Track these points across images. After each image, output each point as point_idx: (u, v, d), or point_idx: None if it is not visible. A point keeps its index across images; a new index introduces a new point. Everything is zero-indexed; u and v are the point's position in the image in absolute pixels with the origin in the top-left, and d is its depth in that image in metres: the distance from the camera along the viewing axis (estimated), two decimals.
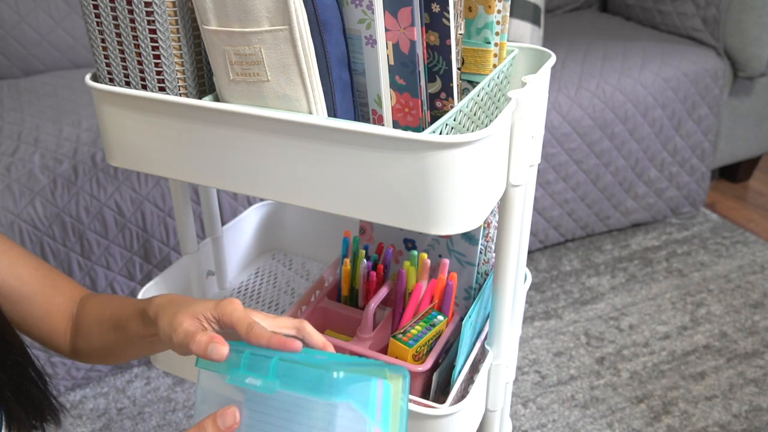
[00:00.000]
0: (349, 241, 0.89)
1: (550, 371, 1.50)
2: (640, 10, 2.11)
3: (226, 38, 0.65)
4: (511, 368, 0.91)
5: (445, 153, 0.58)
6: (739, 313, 1.66)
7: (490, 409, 0.85)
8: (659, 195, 1.92)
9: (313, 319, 0.89)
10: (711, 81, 1.84)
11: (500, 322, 0.78)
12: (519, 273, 0.86)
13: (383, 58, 0.65)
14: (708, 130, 1.90)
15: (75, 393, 1.46)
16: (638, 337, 1.59)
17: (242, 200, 1.43)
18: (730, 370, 1.49)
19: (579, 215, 1.83)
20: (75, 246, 1.34)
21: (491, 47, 0.74)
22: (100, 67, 0.75)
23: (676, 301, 1.70)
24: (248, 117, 0.66)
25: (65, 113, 1.48)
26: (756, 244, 1.92)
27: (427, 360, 0.79)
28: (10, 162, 1.32)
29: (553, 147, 1.69)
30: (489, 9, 0.72)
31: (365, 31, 0.64)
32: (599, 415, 1.39)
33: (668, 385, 1.46)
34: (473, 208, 0.62)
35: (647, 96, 1.76)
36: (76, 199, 1.32)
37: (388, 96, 0.67)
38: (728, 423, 1.36)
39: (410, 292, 0.85)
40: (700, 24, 1.91)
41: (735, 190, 2.23)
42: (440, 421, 0.73)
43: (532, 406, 1.42)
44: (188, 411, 1.42)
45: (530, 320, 1.65)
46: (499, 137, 0.64)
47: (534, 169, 0.81)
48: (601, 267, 1.83)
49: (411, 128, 0.68)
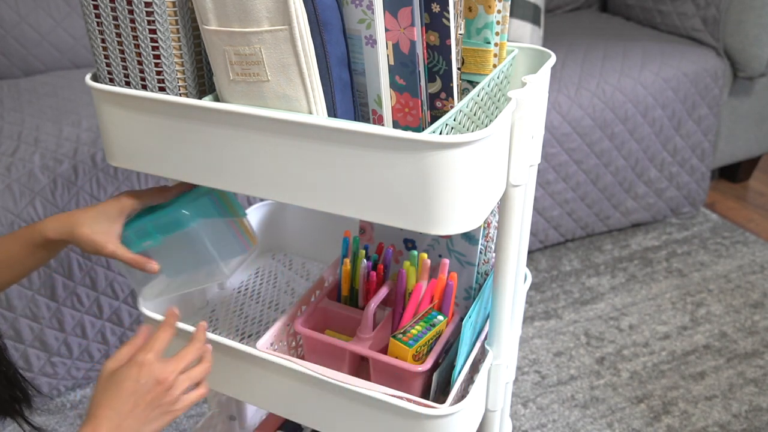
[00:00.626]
0: (349, 241, 0.89)
1: (550, 371, 1.50)
2: (640, 10, 2.11)
3: (226, 38, 0.65)
4: (511, 368, 0.91)
5: (445, 153, 0.58)
6: (739, 313, 1.66)
7: (490, 409, 0.85)
8: (659, 195, 1.92)
9: (313, 319, 0.89)
10: (711, 81, 1.84)
11: (500, 322, 0.78)
12: (519, 273, 0.86)
13: (383, 58, 0.65)
14: (708, 130, 1.90)
15: (75, 393, 1.46)
16: (638, 337, 1.59)
17: (242, 200, 1.43)
18: (730, 370, 1.49)
19: (579, 215, 1.83)
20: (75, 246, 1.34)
21: (491, 47, 0.74)
22: (100, 67, 0.75)
23: (676, 301, 1.70)
24: (248, 117, 0.66)
25: (65, 113, 1.48)
26: (756, 244, 1.92)
27: (427, 360, 0.79)
28: (10, 162, 1.32)
29: (553, 147, 1.69)
30: (489, 9, 0.72)
31: (365, 31, 0.64)
32: (599, 415, 1.39)
33: (668, 385, 1.46)
34: (473, 208, 0.63)
35: (647, 96, 1.76)
36: (76, 199, 1.32)
37: (388, 96, 0.67)
38: (728, 423, 1.36)
39: (410, 292, 0.85)
40: (700, 24, 1.91)
41: (735, 190, 2.23)
42: (440, 421, 0.73)
43: (532, 406, 1.42)
44: (188, 411, 1.42)
45: (530, 320, 1.65)
46: (499, 137, 0.64)
47: (534, 169, 0.81)
48: (601, 267, 1.83)
49: (411, 128, 0.68)
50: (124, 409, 0.66)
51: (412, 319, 0.82)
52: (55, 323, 1.36)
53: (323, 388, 0.77)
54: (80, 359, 1.42)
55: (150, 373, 0.67)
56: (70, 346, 1.39)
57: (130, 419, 0.66)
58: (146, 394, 0.67)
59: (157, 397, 0.67)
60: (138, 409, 0.66)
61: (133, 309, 1.43)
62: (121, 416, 0.65)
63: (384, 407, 0.74)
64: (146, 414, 0.67)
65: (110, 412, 0.65)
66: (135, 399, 0.66)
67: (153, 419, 0.67)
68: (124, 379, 0.67)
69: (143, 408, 0.66)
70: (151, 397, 0.67)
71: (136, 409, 0.66)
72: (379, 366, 0.80)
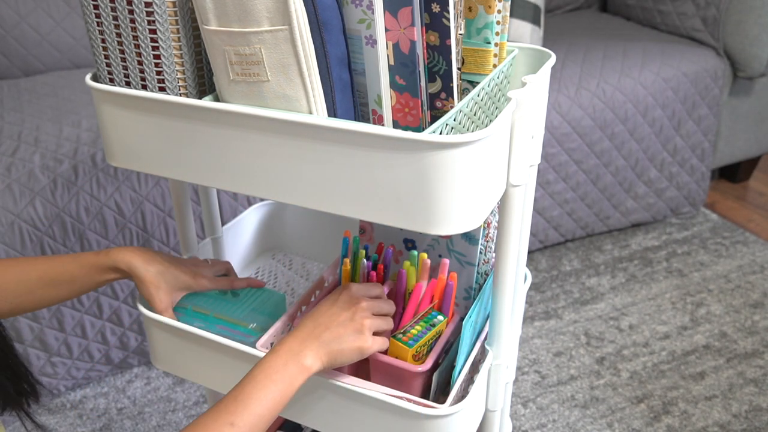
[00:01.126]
0: (349, 241, 0.89)
1: (550, 371, 1.50)
2: (640, 10, 2.11)
3: (226, 38, 0.65)
4: (511, 368, 0.91)
5: (445, 153, 0.58)
6: (739, 313, 1.66)
7: (490, 409, 0.85)
8: (659, 195, 1.92)
9: None
10: (711, 81, 1.84)
11: (500, 322, 0.78)
12: (519, 273, 0.86)
13: (383, 58, 0.65)
14: (708, 130, 1.90)
15: (75, 393, 1.46)
16: (638, 337, 1.59)
17: (242, 200, 1.43)
18: (730, 370, 1.49)
19: (579, 215, 1.83)
20: (75, 246, 1.34)
21: (491, 47, 0.74)
22: (100, 67, 0.75)
23: (676, 301, 1.70)
24: (248, 117, 0.66)
25: (65, 113, 1.48)
26: (756, 244, 1.92)
27: (427, 360, 0.79)
28: (10, 162, 1.32)
29: (553, 147, 1.69)
30: (489, 9, 0.72)
31: (365, 31, 0.64)
32: (599, 415, 1.39)
33: (668, 385, 1.46)
34: (473, 208, 0.62)
35: (647, 96, 1.76)
36: (76, 199, 1.32)
37: (388, 96, 0.67)
38: (728, 423, 1.36)
39: (410, 292, 0.85)
40: (700, 24, 1.91)
41: (735, 190, 2.23)
42: (440, 421, 0.73)
43: (532, 406, 1.42)
44: (188, 411, 1.42)
45: (530, 320, 1.65)
46: (499, 137, 0.64)
47: (534, 169, 0.81)
48: (601, 267, 1.83)
49: (411, 128, 0.68)
50: (318, 326, 0.73)
51: (412, 319, 0.82)
52: (55, 323, 1.36)
53: (323, 388, 0.77)
54: (80, 359, 1.42)
55: (345, 301, 0.75)
56: (70, 346, 1.39)
57: (322, 331, 0.72)
58: (336, 317, 0.74)
59: (344, 322, 0.73)
60: (329, 326, 0.73)
61: (133, 309, 1.43)
62: (318, 327, 0.72)
63: (384, 407, 0.74)
64: (336, 332, 0.72)
65: (310, 323, 0.73)
66: (327, 319, 0.73)
67: (341, 338, 0.72)
68: (325, 301, 0.76)
69: (334, 326, 0.73)
70: (340, 321, 0.73)
71: (329, 326, 0.73)
72: (379, 366, 0.80)
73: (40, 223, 1.29)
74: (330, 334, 0.72)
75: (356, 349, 0.73)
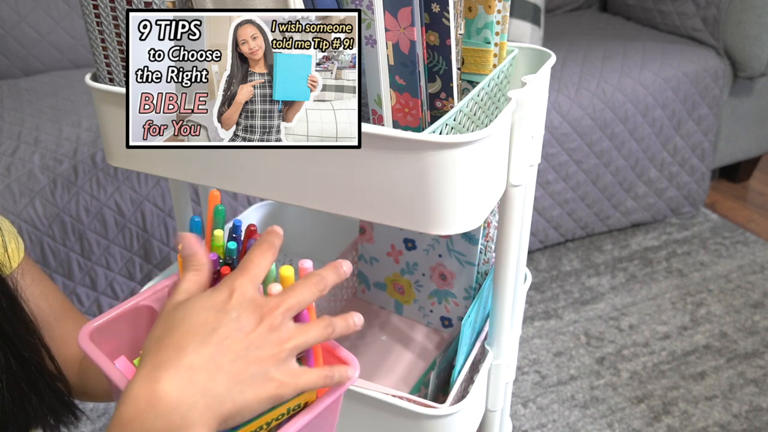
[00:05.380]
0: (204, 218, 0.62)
1: (550, 371, 1.50)
2: (640, 10, 2.11)
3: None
4: (511, 368, 0.91)
5: (445, 153, 0.58)
6: (739, 313, 1.66)
7: (490, 409, 0.85)
8: (659, 195, 1.92)
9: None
10: (711, 81, 1.84)
11: (500, 322, 0.78)
12: (519, 273, 0.86)
13: (383, 58, 0.65)
14: (708, 130, 1.90)
15: None
16: (638, 337, 1.59)
17: (242, 200, 1.43)
18: (730, 370, 1.49)
19: (579, 215, 1.83)
20: (75, 246, 1.34)
21: (491, 47, 0.74)
22: (100, 67, 0.75)
23: (676, 301, 1.70)
24: None
25: (65, 113, 1.48)
26: (756, 244, 1.92)
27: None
28: (10, 162, 1.32)
29: (553, 147, 1.69)
30: (489, 9, 0.72)
31: (365, 31, 0.64)
32: (599, 415, 1.39)
33: (668, 385, 1.46)
34: (473, 208, 0.62)
35: (647, 96, 1.76)
36: (76, 199, 1.32)
37: (388, 96, 0.67)
38: (728, 423, 1.36)
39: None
40: (700, 24, 1.91)
41: (735, 190, 2.23)
42: (440, 421, 0.73)
43: (532, 406, 1.42)
44: None
45: (530, 320, 1.65)
46: (499, 137, 0.64)
47: (534, 169, 0.81)
48: (601, 267, 1.83)
49: (411, 128, 0.68)
50: (200, 353, 0.39)
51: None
52: None
53: None
54: None
55: (244, 302, 0.42)
56: None
57: (210, 370, 0.38)
58: (238, 334, 0.40)
59: (255, 344, 0.41)
60: (223, 358, 0.39)
61: None
62: (195, 363, 0.38)
63: (384, 407, 0.74)
64: (237, 369, 0.40)
65: (176, 353, 0.38)
66: (219, 340, 0.39)
67: (248, 380, 0.40)
68: (202, 309, 0.40)
69: (233, 358, 0.40)
70: (248, 343, 0.41)
71: (221, 357, 0.39)
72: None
73: (40, 223, 1.29)
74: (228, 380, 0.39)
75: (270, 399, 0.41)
